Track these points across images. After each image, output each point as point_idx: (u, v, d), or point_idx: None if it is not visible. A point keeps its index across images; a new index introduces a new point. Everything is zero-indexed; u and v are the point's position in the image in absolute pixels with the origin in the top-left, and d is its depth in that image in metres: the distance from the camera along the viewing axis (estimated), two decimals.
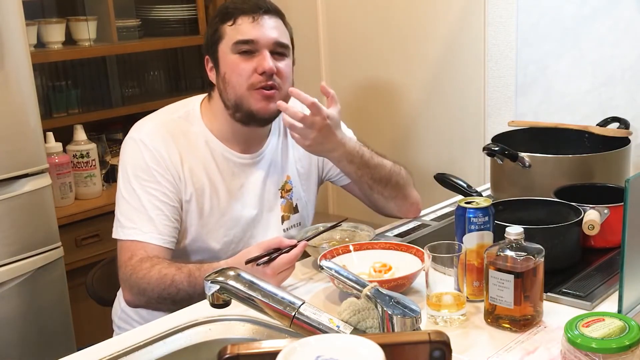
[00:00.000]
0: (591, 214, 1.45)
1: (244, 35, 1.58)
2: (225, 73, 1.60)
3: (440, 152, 2.65)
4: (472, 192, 1.68)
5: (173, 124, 1.64)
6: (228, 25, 1.60)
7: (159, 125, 1.63)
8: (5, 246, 2.07)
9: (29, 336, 2.15)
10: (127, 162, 1.61)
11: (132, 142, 1.62)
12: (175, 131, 1.63)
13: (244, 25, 1.59)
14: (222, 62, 1.61)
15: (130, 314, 1.69)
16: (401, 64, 2.70)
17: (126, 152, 1.63)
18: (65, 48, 2.71)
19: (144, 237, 1.55)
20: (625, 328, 1.06)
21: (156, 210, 1.57)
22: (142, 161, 1.59)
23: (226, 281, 1.09)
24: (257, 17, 1.59)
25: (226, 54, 1.59)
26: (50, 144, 2.48)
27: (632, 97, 2.12)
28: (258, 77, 1.57)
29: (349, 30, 2.83)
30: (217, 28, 1.62)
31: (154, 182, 1.58)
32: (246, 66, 1.58)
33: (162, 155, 1.59)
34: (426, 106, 2.67)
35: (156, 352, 1.29)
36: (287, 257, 1.42)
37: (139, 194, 1.57)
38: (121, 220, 1.59)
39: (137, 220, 1.56)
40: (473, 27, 2.45)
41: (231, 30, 1.59)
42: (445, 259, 1.26)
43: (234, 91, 1.59)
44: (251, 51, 1.58)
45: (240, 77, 1.58)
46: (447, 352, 0.85)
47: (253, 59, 1.58)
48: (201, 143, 1.64)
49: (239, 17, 1.59)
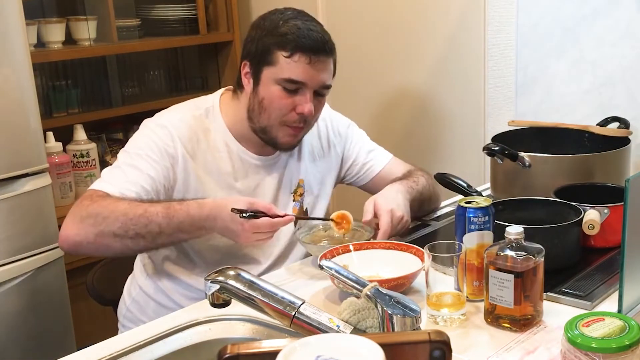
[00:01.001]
0: (591, 213, 1.45)
1: (296, 75, 1.56)
2: (264, 99, 1.59)
3: (440, 152, 2.65)
4: (472, 192, 1.68)
5: (194, 122, 1.64)
6: (283, 55, 1.56)
7: (181, 122, 1.62)
8: (5, 246, 2.07)
9: (29, 336, 2.15)
10: (137, 137, 1.62)
11: (151, 123, 1.63)
12: (196, 129, 1.63)
13: (299, 64, 1.55)
14: (263, 86, 1.59)
15: (136, 314, 1.69)
16: (401, 63, 2.70)
17: (140, 131, 1.63)
18: (65, 48, 2.71)
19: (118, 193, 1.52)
20: (625, 328, 1.06)
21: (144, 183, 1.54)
22: (151, 139, 1.59)
23: (226, 281, 1.09)
24: (314, 60, 1.56)
25: (271, 81, 1.58)
26: (50, 143, 2.48)
27: (632, 97, 2.12)
28: (294, 115, 1.58)
29: (349, 31, 2.83)
30: (270, 49, 1.57)
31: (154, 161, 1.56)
32: (287, 102, 1.57)
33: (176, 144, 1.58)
34: (426, 106, 2.67)
35: (156, 352, 1.29)
36: (269, 221, 1.44)
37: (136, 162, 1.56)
38: (103, 177, 1.57)
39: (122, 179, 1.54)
40: (473, 27, 2.45)
41: (285, 63, 1.56)
42: (445, 258, 1.26)
43: (267, 118, 1.60)
44: (296, 90, 1.57)
45: (277, 111, 1.58)
46: (447, 352, 0.85)
47: (295, 95, 1.57)
48: (219, 142, 1.64)
49: (297, 54, 1.55)
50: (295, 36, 1.55)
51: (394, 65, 2.72)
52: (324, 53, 1.57)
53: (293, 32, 1.56)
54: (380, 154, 1.86)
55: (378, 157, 1.84)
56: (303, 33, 1.56)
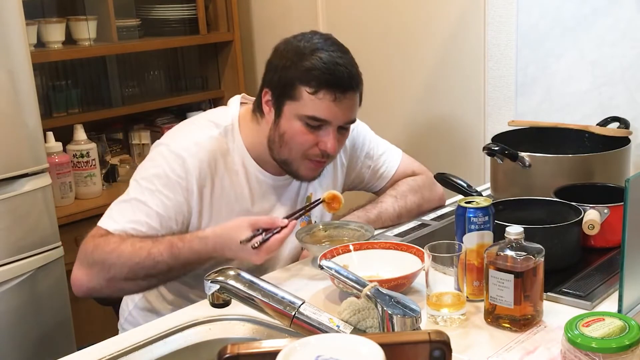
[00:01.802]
0: (591, 213, 1.45)
1: (319, 113, 1.50)
2: (285, 133, 1.54)
3: (440, 152, 2.65)
4: (472, 192, 1.68)
5: (213, 144, 1.58)
6: (307, 90, 1.50)
7: (200, 146, 1.56)
8: (5, 246, 2.07)
9: (29, 336, 2.15)
10: (150, 166, 1.55)
11: (166, 149, 1.55)
12: (215, 152, 1.57)
13: (323, 102, 1.49)
14: (285, 120, 1.54)
15: (138, 319, 1.68)
16: (401, 63, 2.70)
17: (154, 157, 1.56)
18: (65, 48, 2.71)
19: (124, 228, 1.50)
20: (625, 328, 1.06)
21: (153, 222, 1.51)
22: (165, 172, 1.53)
23: (226, 281, 1.09)
24: (340, 97, 1.50)
25: (293, 116, 1.53)
26: (51, 143, 2.48)
27: (632, 97, 2.12)
28: (317, 150, 1.55)
29: (349, 30, 2.82)
30: (294, 83, 1.51)
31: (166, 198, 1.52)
32: (309, 138, 1.53)
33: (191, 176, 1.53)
34: (426, 106, 2.67)
35: (156, 352, 1.29)
36: (280, 237, 1.43)
37: (146, 200, 1.51)
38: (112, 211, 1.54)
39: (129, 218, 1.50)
40: (473, 27, 2.45)
41: (308, 100, 1.50)
42: (445, 258, 1.26)
43: (288, 152, 1.56)
44: (319, 126, 1.53)
45: (299, 146, 1.54)
46: (447, 352, 0.85)
47: (318, 131, 1.53)
48: (237, 163, 1.60)
49: (321, 91, 1.49)
50: (321, 72, 1.49)
51: (394, 65, 2.72)
52: (350, 90, 1.52)
53: (318, 67, 1.49)
54: (391, 155, 1.85)
55: (389, 160, 1.83)
56: (329, 68, 1.49)
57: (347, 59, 1.55)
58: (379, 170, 1.83)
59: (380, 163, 1.83)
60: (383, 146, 1.85)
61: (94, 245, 1.47)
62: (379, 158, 1.83)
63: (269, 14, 3.04)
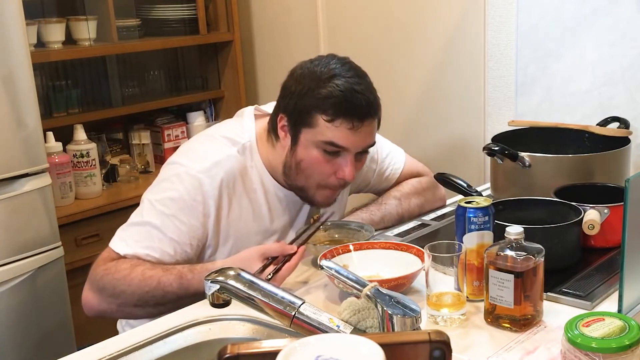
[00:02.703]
0: (591, 213, 1.45)
1: (337, 140, 1.47)
2: (302, 161, 1.52)
3: (440, 152, 2.65)
4: (472, 192, 1.68)
5: (232, 163, 1.55)
6: (324, 118, 1.46)
7: (219, 167, 1.53)
8: (6, 246, 2.07)
9: (29, 336, 2.16)
10: (167, 188, 1.52)
11: (184, 172, 1.52)
12: (234, 172, 1.55)
13: (341, 130, 1.46)
14: (301, 148, 1.51)
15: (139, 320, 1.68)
16: (401, 63, 2.69)
17: (171, 178, 1.53)
18: (65, 48, 2.71)
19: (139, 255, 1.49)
20: (625, 328, 1.06)
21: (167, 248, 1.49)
22: (181, 196, 1.50)
23: (226, 281, 1.09)
24: (358, 126, 1.47)
25: (310, 143, 1.50)
26: (51, 143, 2.48)
27: (632, 97, 2.12)
28: (334, 179, 1.53)
29: (349, 31, 2.83)
30: (310, 112, 1.47)
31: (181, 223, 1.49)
32: (327, 167, 1.51)
33: (208, 201, 1.51)
34: (426, 106, 2.67)
35: (156, 352, 1.29)
36: (291, 265, 1.42)
37: (160, 225, 1.49)
38: (126, 233, 1.51)
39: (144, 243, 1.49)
40: (473, 27, 2.45)
41: (325, 128, 1.47)
42: (445, 258, 1.26)
43: (305, 180, 1.54)
44: (337, 152, 1.50)
45: (316, 175, 1.52)
46: (447, 352, 0.85)
47: (336, 158, 1.51)
48: (256, 182, 1.58)
49: (339, 119, 1.46)
50: (338, 100, 1.45)
51: (394, 66, 2.72)
52: (368, 117, 1.49)
53: (335, 95, 1.45)
54: (395, 159, 1.84)
55: (394, 163, 1.83)
56: (346, 96, 1.46)
57: (365, 84, 1.51)
58: (384, 173, 1.82)
59: (385, 166, 1.82)
60: (387, 147, 1.84)
61: (105, 269, 1.47)
62: (384, 161, 1.82)
63: (269, 14, 3.04)
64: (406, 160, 1.86)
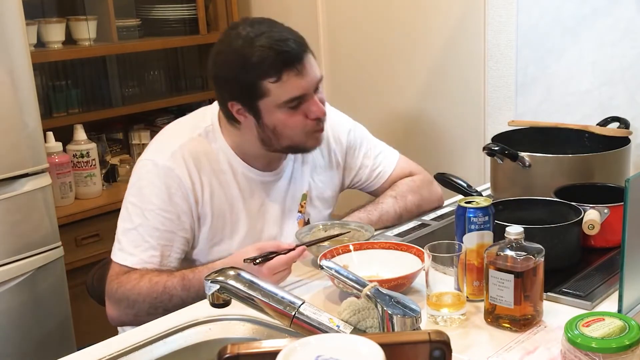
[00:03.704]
0: (591, 213, 1.45)
1: (294, 92, 1.49)
2: (276, 127, 1.53)
3: (440, 152, 2.65)
4: (472, 192, 1.68)
5: (195, 145, 1.58)
6: (270, 82, 1.47)
7: (182, 149, 1.57)
8: (5, 246, 2.07)
9: (29, 336, 2.16)
10: (142, 185, 1.55)
11: (152, 165, 1.56)
12: (198, 153, 1.58)
13: (290, 81, 1.48)
14: (267, 116, 1.53)
15: None
16: (401, 63, 2.70)
17: (144, 175, 1.56)
18: (65, 48, 2.71)
19: (143, 267, 1.52)
20: (625, 328, 1.06)
21: (163, 241, 1.54)
22: (159, 189, 1.54)
23: (226, 281, 1.09)
24: (301, 67, 1.48)
25: (272, 109, 1.51)
26: (51, 143, 2.48)
27: (632, 96, 2.12)
28: (312, 123, 1.55)
29: (349, 30, 2.83)
30: (256, 84, 1.48)
31: (167, 212, 1.54)
32: (299, 118, 1.53)
33: (184, 183, 1.55)
34: (426, 106, 2.67)
35: (156, 352, 1.29)
36: (284, 258, 1.42)
37: (148, 219, 1.53)
38: (123, 244, 1.55)
39: (140, 247, 1.53)
40: (473, 27, 2.45)
41: (276, 89, 1.48)
42: (445, 258, 1.26)
43: (289, 139, 1.56)
44: (300, 102, 1.52)
45: (295, 129, 1.54)
46: (447, 352, 0.85)
47: (301, 106, 1.52)
48: (223, 163, 1.60)
49: (284, 73, 1.47)
50: (272, 58, 1.46)
51: (394, 65, 2.72)
52: (304, 55, 1.50)
53: (267, 56, 1.46)
54: (388, 157, 1.85)
55: (386, 161, 1.83)
56: (277, 50, 1.47)
57: (281, 28, 1.52)
58: (376, 170, 1.83)
59: (377, 163, 1.83)
60: (380, 147, 1.86)
61: (118, 283, 1.52)
62: (376, 157, 1.83)
63: (269, 14, 3.01)
64: (399, 160, 1.86)
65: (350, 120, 1.83)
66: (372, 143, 1.84)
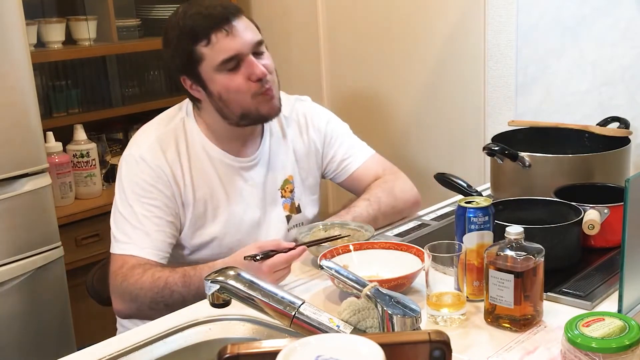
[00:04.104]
0: (591, 213, 1.45)
1: (226, 53, 1.54)
2: (221, 93, 1.58)
3: (440, 152, 2.65)
4: (472, 192, 1.68)
5: (172, 135, 1.64)
6: (202, 46, 1.54)
7: (159, 139, 1.63)
8: (5, 246, 2.07)
9: (29, 336, 2.16)
10: (124, 180, 1.61)
11: (131, 159, 1.61)
12: (176, 141, 1.63)
13: (220, 42, 1.54)
14: (210, 84, 1.58)
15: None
16: (401, 63, 2.70)
17: (124, 170, 1.62)
18: (65, 48, 2.71)
19: (139, 252, 1.56)
20: (625, 328, 1.06)
21: (154, 226, 1.58)
22: (141, 179, 1.59)
23: (226, 281, 1.09)
24: (230, 27, 1.54)
25: (212, 75, 1.57)
26: (50, 143, 2.48)
27: (632, 96, 2.12)
28: (255, 85, 1.57)
29: (349, 31, 2.83)
30: (191, 50, 1.56)
31: (152, 199, 1.58)
32: (239, 80, 1.57)
33: (164, 171, 1.59)
34: (426, 106, 2.67)
35: (156, 352, 1.29)
36: (284, 257, 1.43)
37: (136, 211, 1.58)
38: (117, 236, 1.60)
39: (134, 235, 1.57)
40: (473, 27, 2.45)
41: (209, 52, 1.54)
42: (445, 258, 1.26)
43: (238, 105, 1.59)
44: (238, 64, 1.56)
45: (239, 93, 1.57)
46: (447, 352, 0.85)
47: (240, 69, 1.56)
48: (199, 150, 1.65)
49: (212, 35, 1.53)
50: (198, 23, 1.54)
51: (394, 66, 2.72)
52: (233, 18, 1.55)
53: (194, 21, 1.54)
54: (360, 151, 1.85)
55: (356, 155, 1.84)
56: (202, 14, 1.54)
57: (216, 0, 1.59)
58: (345, 161, 1.83)
59: (347, 154, 1.84)
60: (356, 142, 1.87)
61: (122, 276, 1.54)
62: (348, 150, 1.84)
63: (268, 14, 3.04)
64: (371, 157, 1.86)
65: (330, 114, 1.87)
66: (348, 136, 1.86)
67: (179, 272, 1.50)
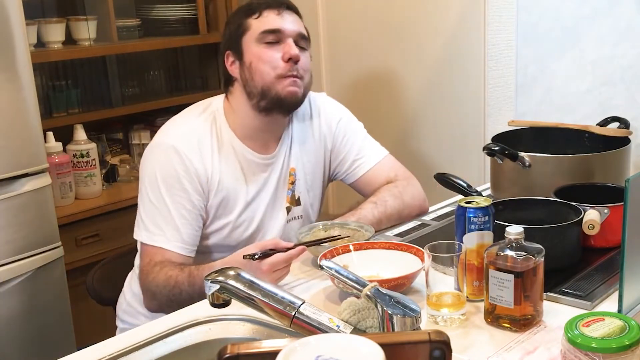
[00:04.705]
0: (591, 213, 1.45)
1: (270, 25, 1.63)
2: (252, 62, 1.64)
3: (440, 151, 2.65)
4: (472, 192, 1.68)
5: (202, 128, 1.66)
6: (253, 18, 1.65)
7: (191, 131, 1.66)
8: (6, 246, 2.07)
9: (29, 336, 2.15)
10: (156, 168, 1.63)
11: (163, 147, 1.63)
12: (205, 135, 1.66)
13: (269, 17, 1.64)
14: (247, 53, 1.65)
15: (136, 307, 1.70)
16: (401, 63, 2.70)
17: (155, 158, 1.64)
18: (65, 48, 2.71)
19: (168, 245, 1.58)
20: (625, 328, 1.06)
21: (182, 219, 1.60)
22: (172, 169, 1.61)
23: (226, 281, 1.09)
24: (281, 11, 1.65)
25: (252, 45, 1.64)
26: (51, 143, 2.48)
27: (632, 97, 2.12)
28: (285, 65, 1.62)
29: (349, 30, 2.83)
30: (241, 22, 1.66)
31: (182, 191, 1.61)
32: (273, 54, 1.63)
33: (193, 163, 1.61)
34: (426, 106, 2.67)
35: (156, 352, 1.29)
36: (283, 256, 1.43)
37: (167, 202, 1.60)
38: (146, 223, 1.61)
39: (164, 227, 1.59)
40: (473, 27, 2.45)
41: (257, 23, 1.64)
42: (445, 258, 1.26)
43: (261, 78, 1.63)
44: (277, 41, 1.63)
45: (267, 65, 1.62)
46: (447, 352, 0.85)
47: (278, 47, 1.63)
48: (227, 145, 1.67)
49: (265, 11, 1.65)
50: (257, 2, 1.67)
51: (394, 66, 2.72)
52: (288, 8, 1.67)
53: (255, 1, 1.68)
54: (372, 152, 1.85)
55: (369, 156, 1.84)
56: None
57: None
58: (357, 161, 1.83)
59: (360, 155, 1.84)
60: (369, 142, 1.87)
61: (146, 273, 1.57)
62: (361, 150, 1.84)
63: None
64: (384, 158, 1.86)
65: (345, 111, 1.87)
66: (360, 136, 1.86)
67: (186, 271, 1.52)
